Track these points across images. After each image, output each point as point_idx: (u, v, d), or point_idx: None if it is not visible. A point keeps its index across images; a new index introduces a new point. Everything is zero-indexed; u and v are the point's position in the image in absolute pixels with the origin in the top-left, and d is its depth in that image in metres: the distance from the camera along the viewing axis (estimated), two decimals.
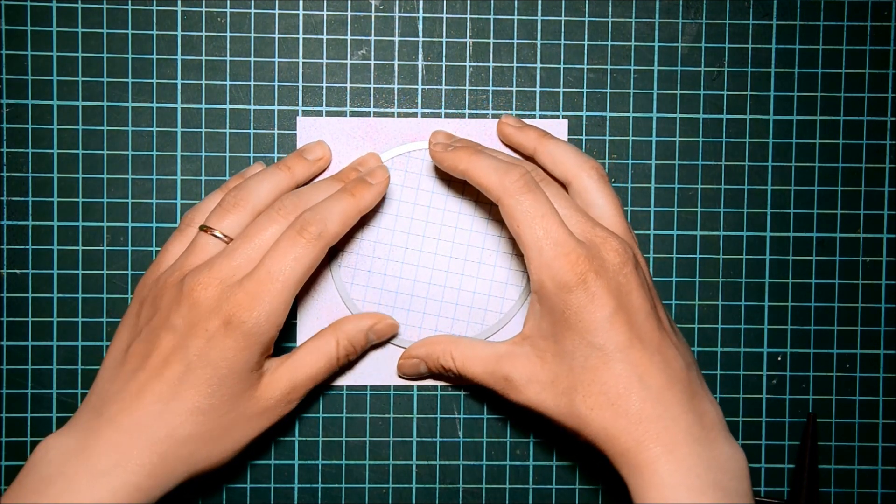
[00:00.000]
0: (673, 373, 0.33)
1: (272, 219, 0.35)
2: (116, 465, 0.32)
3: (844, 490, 0.41)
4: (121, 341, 0.35)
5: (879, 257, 0.41)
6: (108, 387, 0.34)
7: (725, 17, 0.40)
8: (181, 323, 0.33)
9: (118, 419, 0.33)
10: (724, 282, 0.40)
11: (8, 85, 0.39)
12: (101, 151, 0.39)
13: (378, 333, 0.38)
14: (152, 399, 0.33)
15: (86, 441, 0.32)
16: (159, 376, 0.33)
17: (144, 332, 0.34)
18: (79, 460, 0.32)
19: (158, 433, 0.33)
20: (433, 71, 0.40)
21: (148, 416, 0.33)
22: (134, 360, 0.34)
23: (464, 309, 0.40)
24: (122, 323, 0.36)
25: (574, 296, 0.32)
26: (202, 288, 0.33)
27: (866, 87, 0.41)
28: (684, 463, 0.31)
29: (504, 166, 0.34)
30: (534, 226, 0.33)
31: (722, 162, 0.40)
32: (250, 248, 0.34)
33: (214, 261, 0.34)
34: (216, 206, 0.36)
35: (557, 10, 0.40)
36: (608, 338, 0.32)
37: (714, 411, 0.33)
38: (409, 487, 0.40)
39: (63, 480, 0.31)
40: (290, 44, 0.40)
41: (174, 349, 0.33)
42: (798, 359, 0.41)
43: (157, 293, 0.35)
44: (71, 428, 0.33)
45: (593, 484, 0.40)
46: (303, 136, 0.40)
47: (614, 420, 0.32)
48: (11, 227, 0.39)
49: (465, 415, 0.40)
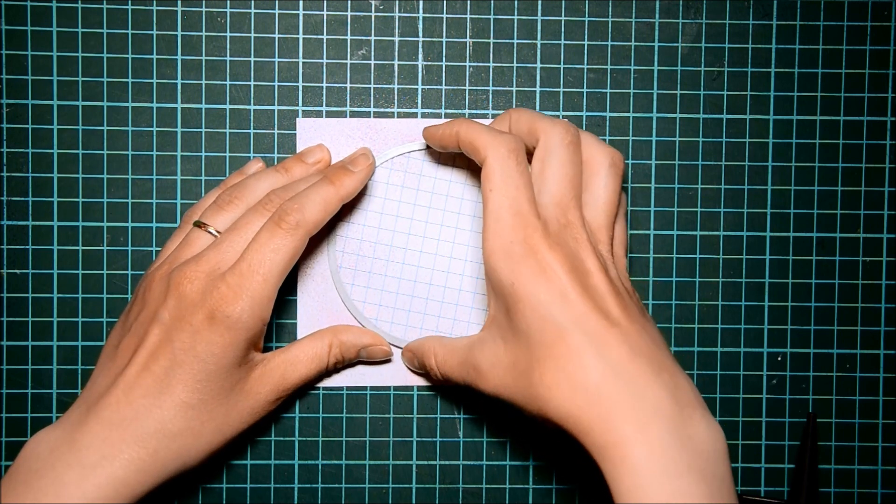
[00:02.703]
0: (636, 345, 0.30)
1: (258, 212, 0.35)
2: (104, 459, 0.32)
3: (844, 490, 0.41)
4: (113, 337, 0.35)
5: (879, 257, 0.41)
6: (100, 382, 0.34)
7: (725, 17, 0.40)
8: (168, 316, 0.33)
9: (106, 413, 0.32)
10: (724, 282, 0.40)
11: (8, 85, 0.39)
12: (101, 151, 0.39)
13: (370, 354, 0.39)
14: (141, 393, 0.33)
15: (73, 434, 0.32)
16: (147, 370, 0.33)
17: (134, 327, 0.34)
18: (67, 454, 0.32)
19: (148, 428, 0.33)
20: (433, 71, 0.40)
21: (137, 410, 0.33)
22: (123, 354, 0.34)
23: (464, 309, 0.40)
24: (118, 321, 0.36)
25: (524, 265, 0.31)
26: (188, 281, 0.33)
27: (866, 87, 0.41)
28: (656, 443, 0.28)
29: (496, 131, 0.34)
30: (504, 192, 0.32)
31: (722, 162, 0.40)
32: (237, 242, 0.34)
33: (202, 254, 0.34)
34: (211, 204, 0.37)
35: (557, 10, 0.40)
36: (562, 309, 0.30)
37: (688, 386, 0.30)
38: (409, 487, 0.40)
39: (51, 474, 0.31)
40: (290, 44, 0.40)
41: (161, 343, 0.33)
42: (798, 359, 0.41)
43: (146, 287, 0.35)
44: (62, 422, 0.33)
45: (593, 484, 0.40)
46: (302, 137, 0.40)
47: (574, 396, 0.29)
48: (11, 227, 0.39)
49: (465, 415, 0.40)
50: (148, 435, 0.33)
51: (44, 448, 0.32)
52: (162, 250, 0.37)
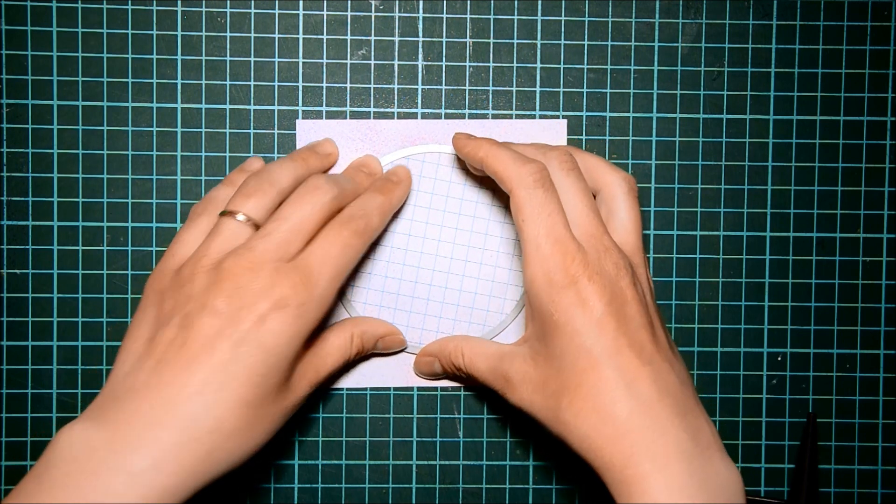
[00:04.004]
0: (665, 385, 0.31)
1: (305, 199, 0.34)
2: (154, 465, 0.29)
3: (844, 490, 0.41)
4: (140, 334, 0.32)
5: (879, 257, 0.41)
6: (133, 378, 0.31)
7: (725, 17, 0.40)
8: (225, 307, 0.31)
9: (152, 411, 0.29)
10: (724, 282, 0.40)
11: (8, 85, 0.39)
12: (101, 151, 0.39)
13: (386, 345, 0.39)
14: (196, 389, 0.30)
15: (114, 435, 0.29)
16: (201, 363, 0.30)
17: (176, 320, 0.31)
18: (110, 457, 0.29)
19: (203, 427, 0.30)
20: (433, 71, 0.40)
21: (192, 407, 0.30)
22: (163, 348, 0.31)
23: (465, 310, 0.40)
24: (136, 318, 0.33)
25: (564, 295, 0.32)
26: (248, 270, 0.31)
27: (866, 87, 0.41)
28: (676, 481, 0.29)
29: (522, 158, 0.34)
30: (538, 221, 0.33)
31: (722, 162, 0.40)
32: (285, 230, 0.33)
33: (251, 244, 0.32)
34: (235, 193, 0.35)
35: (557, 10, 0.40)
36: (596, 341, 0.31)
37: (709, 429, 0.31)
38: (409, 487, 0.40)
39: (93, 480, 0.28)
40: (290, 44, 0.40)
41: (217, 335, 0.31)
42: (798, 359, 0.41)
43: (182, 281, 0.32)
44: (95, 420, 0.30)
45: (593, 484, 0.40)
46: (302, 139, 0.40)
47: (599, 427, 0.30)
48: (11, 227, 0.39)
49: (465, 415, 0.40)
50: (203, 434, 0.30)
51: (80, 449, 0.29)
52: (174, 243, 0.35)
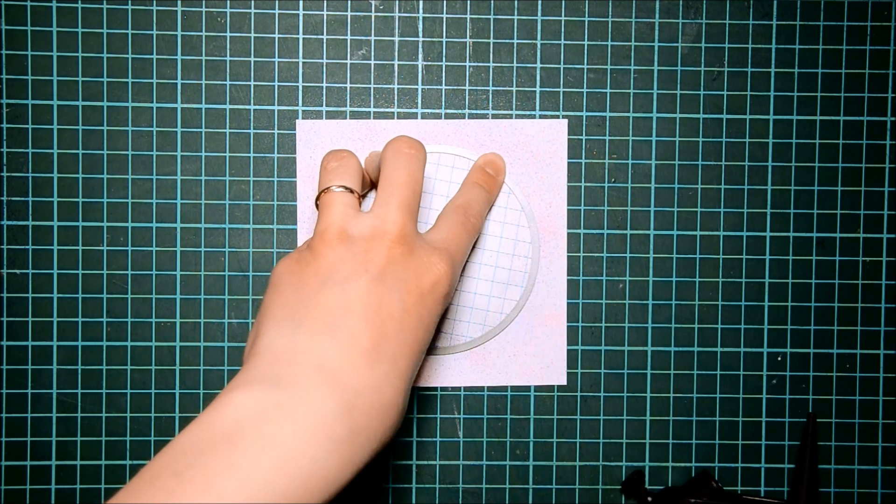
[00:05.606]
0: None
1: (400, 156, 0.33)
2: (346, 438, 0.27)
3: (844, 490, 0.41)
4: (280, 299, 0.30)
5: (879, 257, 0.41)
6: (307, 343, 0.28)
7: (725, 17, 0.40)
8: (386, 277, 0.30)
9: (341, 387, 0.27)
10: (724, 282, 0.40)
11: (8, 85, 0.39)
12: (101, 151, 0.39)
13: None
14: (375, 359, 0.28)
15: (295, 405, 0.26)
16: (375, 333, 0.28)
17: (329, 286, 0.29)
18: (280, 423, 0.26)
19: (384, 402, 0.28)
20: (433, 71, 0.40)
21: (374, 381, 0.28)
22: (319, 312, 0.29)
23: (464, 310, 0.40)
24: (270, 298, 0.30)
25: None
26: (397, 244, 0.31)
27: (866, 87, 0.41)
28: None
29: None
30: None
31: (722, 162, 0.40)
32: (392, 208, 0.32)
33: (372, 218, 0.31)
34: (321, 172, 0.34)
35: (557, 10, 0.40)
36: None
37: None
38: (409, 487, 0.40)
39: (257, 444, 0.25)
40: (290, 44, 0.40)
41: (381, 305, 0.29)
42: (798, 359, 0.41)
43: (319, 249, 0.31)
44: (262, 387, 0.27)
45: (593, 484, 0.40)
46: (302, 139, 0.40)
47: None
48: (11, 227, 0.39)
49: (465, 415, 0.40)
50: (385, 409, 0.28)
51: (251, 409, 0.26)
52: None
